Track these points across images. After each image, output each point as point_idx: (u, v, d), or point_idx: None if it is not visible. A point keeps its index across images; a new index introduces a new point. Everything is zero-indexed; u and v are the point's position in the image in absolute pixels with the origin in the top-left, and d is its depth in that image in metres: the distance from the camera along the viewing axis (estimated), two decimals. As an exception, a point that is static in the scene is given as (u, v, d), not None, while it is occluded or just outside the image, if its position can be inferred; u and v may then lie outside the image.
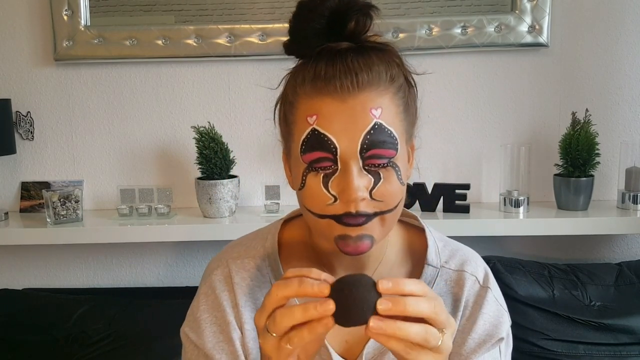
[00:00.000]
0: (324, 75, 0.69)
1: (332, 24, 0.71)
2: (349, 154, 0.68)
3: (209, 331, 0.81)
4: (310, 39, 0.71)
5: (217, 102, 1.78)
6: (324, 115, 0.68)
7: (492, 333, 0.80)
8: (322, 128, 0.68)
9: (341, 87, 0.68)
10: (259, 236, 0.87)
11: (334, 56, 0.70)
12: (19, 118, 1.78)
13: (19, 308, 1.63)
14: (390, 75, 0.71)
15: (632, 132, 1.76)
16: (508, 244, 1.80)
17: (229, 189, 1.64)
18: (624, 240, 1.82)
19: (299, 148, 0.70)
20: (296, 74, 0.73)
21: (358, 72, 0.68)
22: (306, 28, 0.72)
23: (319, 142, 0.68)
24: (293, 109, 0.72)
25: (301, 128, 0.70)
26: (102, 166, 1.81)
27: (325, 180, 0.69)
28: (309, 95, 0.70)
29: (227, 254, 0.86)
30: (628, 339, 1.51)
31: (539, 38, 1.69)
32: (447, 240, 0.88)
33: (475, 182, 1.77)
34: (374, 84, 0.69)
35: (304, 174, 0.71)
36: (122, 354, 1.50)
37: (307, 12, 0.71)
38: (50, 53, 1.75)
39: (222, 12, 1.74)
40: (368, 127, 0.68)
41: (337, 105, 0.68)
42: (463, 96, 1.75)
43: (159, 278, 1.86)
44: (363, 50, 0.71)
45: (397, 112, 0.71)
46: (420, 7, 1.72)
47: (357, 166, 0.68)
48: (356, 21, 0.71)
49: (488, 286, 0.83)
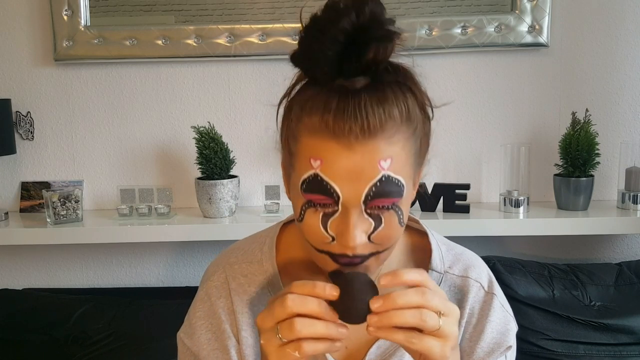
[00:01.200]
0: (333, 116, 0.63)
1: (348, 53, 0.64)
2: (351, 202, 0.65)
3: (204, 338, 0.81)
4: (322, 64, 0.64)
5: (217, 102, 1.78)
6: (328, 161, 0.64)
7: (500, 341, 0.80)
8: (326, 174, 0.65)
9: (350, 133, 0.63)
10: (258, 240, 0.86)
11: (346, 96, 0.64)
12: (19, 118, 1.78)
13: (19, 308, 1.63)
14: (407, 117, 0.66)
15: (632, 132, 1.76)
16: (508, 244, 1.80)
17: (229, 189, 1.64)
18: (624, 241, 1.82)
19: (299, 182, 0.67)
20: (303, 99, 0.67)
21: (370, 118, 0.63)
22: (318, 51, 0.64)
23: (320, 188, 0.65)
24: (296, 141, 0.68)
25: (303, 165, 0.66)
26: (102, 166, 1.81)
27: (325, 219, 0.67)
28: (313, 132, 0.65)
29: (225, 259, 0.85)
30: (628, 339, 1.51)
31: (539, 38, 1.69)
32: (449, 243, 0.87)
33: (475, 182, 1.77)
34: (387, 130, 0.64)
35: (303, 207, 0.68)
36: (122, 354, 1.50)
37: (319, 34, 0.63)
38: (50, 53, 1.75)
39: (222, 12, 1.74)
40: (375, 180, 0.64)
41: (344, 153, 0.64)
42: (463, 96, 1.75)
43: (159, 278, 1.86)
44: (379, 88, 0.65)
45: (408, 157, 0.67)
46: (420, 7, 1.72)
47: (358, 211, 0.66)
48: (375, 51, 0.64)
49: (493, 292, 0.83)
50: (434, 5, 1.72)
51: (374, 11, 0.63)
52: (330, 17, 0.63)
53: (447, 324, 0.65)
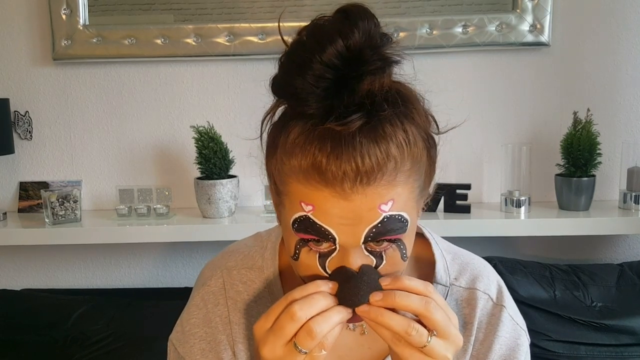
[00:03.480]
0: (325, 165, 0.56)
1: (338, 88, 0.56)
2: (350, 243, 0.60)
3: (197, 348, 0.76)
4: (310, 102, 0.57)
5: (216, 101, 1.77)
6: (321, 208, 0.58)
7: (510, 357, 0.76)
8: (319, 219, 0.58)
9: (343, 181, 0.56)
10: (258, 244, 0.80)
11: (338, 142, 0.55)
12: (17, 118, 1.77)
13: (18, 309, 1.63)
14: (408, 151, 0.58)
15: (634, 132, 1.76)
16: (509, 245, 1.80)
17: (228, 189, 1.64)
18: (625, 241, 1.81)
19: (290, 221, 0.61)
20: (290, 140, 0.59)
21: (367, 164, 0.55)
22: (302, 89, 0.56)
23: (314, 229, 0.59)
24: (284, 184, 0.61)
25: (294, 206, 0.60)
26: (101, 166, 1.81)
27: (322, 260, 0.62)
28: (303, 178, 0.58)
29: (223, 262, 0.80)
30: (629, 339, 1.51)
31: (540, 37, 1.69)
32: (455, 250, 0.81)
33: (477, 182, 1.76)
34: (386, 173, 0.57)
35: (297, 246, 0.62)
36: (121, 354, 1.50)
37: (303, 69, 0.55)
38: (48, 52, 1.74)
39: (221, 11, 1.73)
40: (375, 222, 0.58)
41: (340, 202, 0.57)
42: (464, 96, 1.74)
43: (158, 278, 1.86)
44: (376, 126, 0.56)
45: (411, 192, 0.61)
46: (421, 6, 1.71)
47: (358, 250, 0.61)
48: (370, 84, 0.56)
49: (502, 304, 0.77)
50: (435, 4, 1.71)
51: (365, 32, 0.55)
52: (313, 47, 0.56)
53: (437, 345, 0.60)
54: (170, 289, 1.81)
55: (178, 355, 0.78)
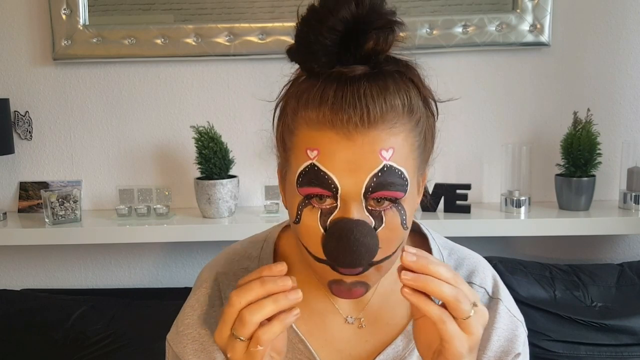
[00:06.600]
0: (330, 105, 0.60)
1: (346, 42, 0.61)
2: (351, 195, 0.61)
3: (190, 348, 0.77)
4: (319, 55, 0.61)
5: (216, 101, 1.77)
6: (326, 151, 0.61)
7: (508, 349, 0.77)
8: (323, 165, 0.61)
9: (349, 122, 0.59)
10: (256, 245, 0.82)
11: (344, 83, 0.61)
12: (17, 118, 1.77)
13: (17, 309, 1.62)
14: (409, 108, 0.63)
15: (634, 132, 1.76)
16: (509, 245, 1.80)
17: (228, 189, 1.64)
18: (625, 241, 1.81)
19: (295, 177, 0.63)
20: (299, 92, 0.64)
21: (370, 106, 0.60)
22: (315, 42, 0.61)
23: (318, 179, 0.61)
24: (292, 135, 0.65)
25: (300, 158, 0.63)
26: (101, 166, 1.80)
27: (323, 218, 0.63)
28: (311, 124, 0.62)
29: (220, 264, 0.81)
30: (629, 339, 1.51)
31: (540, 37, 1.69)
32: (451, 246, 0.83)
33: (476, 182, 1.76)
34: (388, 120, 0.61)
35: (300, 206, 0.64)
36: (121, 354, 1.50)
37: (317, 24, 0.60)
38: (48, 52, 1.74)
39: (221, 11, 1.73)
40: (375, 170, 0.60)
41: (343, 143, 0.60)
42: (464, 96, 1.74)
43: (157, 279, 1.86)
44: (379, 76, 0.62)
45: (411, 149, 0.63)
46: (421, 6, 1.71)
47: (359, 207, 0.62)
48: (375, 41, 0.61)
49: (498, 297, 0.79)
50: (435, 4, 1.71)
51: (374, 2, 0.61)
52: (328, 7, 0.60)
53: (475, 319, 0.61)
54: (170, 289, 1.81)
55: (174, 354, 0.79)
